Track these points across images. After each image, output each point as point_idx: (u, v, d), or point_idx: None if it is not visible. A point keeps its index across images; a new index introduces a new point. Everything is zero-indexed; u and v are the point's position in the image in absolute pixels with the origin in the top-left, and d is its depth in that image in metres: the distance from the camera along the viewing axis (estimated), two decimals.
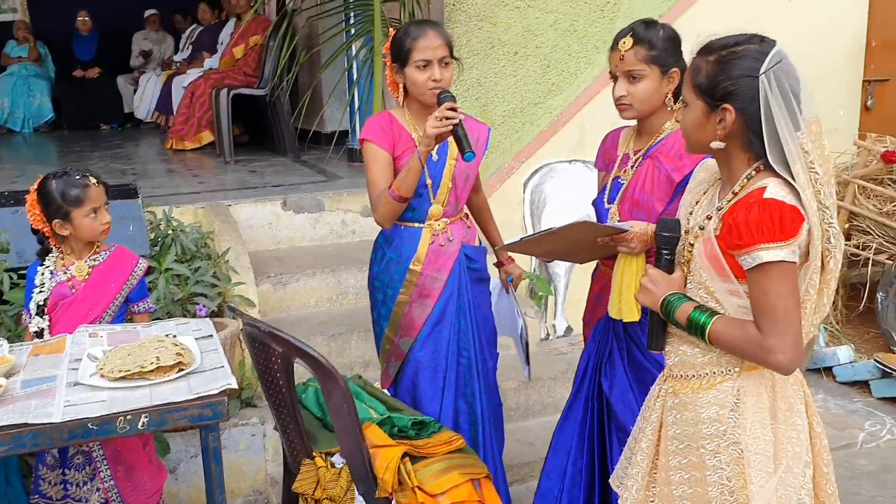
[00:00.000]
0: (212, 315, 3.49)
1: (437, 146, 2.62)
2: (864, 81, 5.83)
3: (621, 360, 2.50)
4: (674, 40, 2.38)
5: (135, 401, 2.04)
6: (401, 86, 2.75)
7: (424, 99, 2.67)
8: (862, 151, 4.94)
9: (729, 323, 1.71)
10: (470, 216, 2.97)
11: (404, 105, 2.80)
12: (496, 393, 3.00)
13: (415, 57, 2.63)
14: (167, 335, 2.40)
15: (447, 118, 2.47)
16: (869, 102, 5.89)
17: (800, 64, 1.72)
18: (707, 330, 1.72)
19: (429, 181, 2.72)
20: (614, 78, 2.42)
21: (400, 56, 2.67)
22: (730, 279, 1.71)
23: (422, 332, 2.82)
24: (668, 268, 1.85)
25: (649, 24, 2.38)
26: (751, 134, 1.68)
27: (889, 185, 4.80)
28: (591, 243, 2.29)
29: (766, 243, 1.61)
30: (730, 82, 1.67)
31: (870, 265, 4.76)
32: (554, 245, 2.39)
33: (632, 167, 2.46)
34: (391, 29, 2.78)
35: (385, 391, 2.90)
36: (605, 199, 2.51)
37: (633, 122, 2.53)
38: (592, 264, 2.68)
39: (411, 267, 2.79)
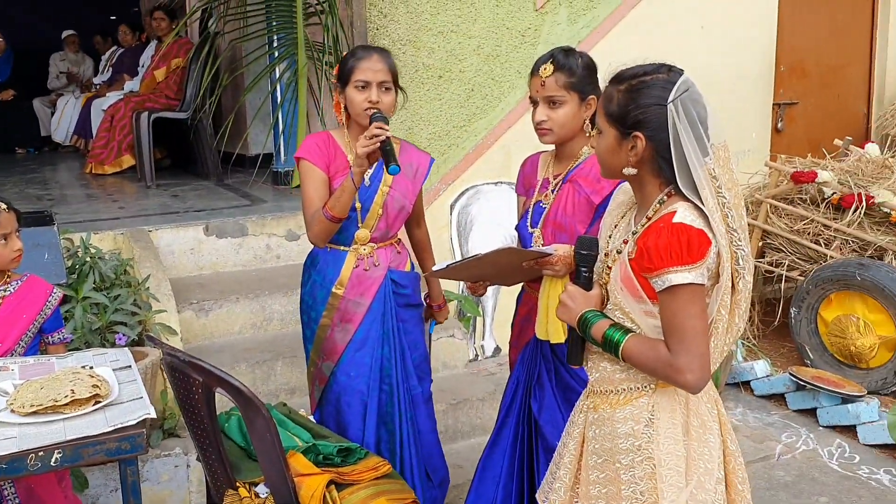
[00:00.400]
0: (132, 344, 3.41)
1: (371, 169, 2.66)
2: (774, 105, 6.08)
3: (549, 381, 2.53)
4: (591, 68, 2.45)
5: (47, 436, 1.97)
6: (343, 106, 2.75)
7: (361, 120, 2.67)
8: (773, 172, 5.13)
9: (641, 341, 1.76)
10: (402, 242, 2.94)
11: (345, 126, 2.80)
12: (427, 418, 2.95)
13: (355, 77, 2.64)
14: (83, 366, 2.33)
15: (375, 136, 2.49)
16: (779, 125, 6.15)
17: (713, 88, 1.79)
18: (621, 347, 1.76)
19: (358, 205, 2.71)
20: (534, 103, 2.47)
21: (342, 76, 2.69)
22: (644, 301, 1.76)
23: (343, 356, 2.80)
24: (587, 285, 1.89)
25: (568, 51, 2.45)
26: (661, 160, 1.74)
27: (799, 204, 5.00)
28: (516, 267, 2.33)
29: (675, 266, 1.66)
30: (639, 111, 1.73)
31: (783, 282, 4.95)
32: (480, 270, 2.42)
33: (552, 191, 2.51)
34: (344, 53, 2.80)
35: (311, 418, 2.87)
36: (529, 224, 2.55)
37: (551, 147, 2.59)
38: (518, 287, 2.72)
39: (333, 290, 2.78)
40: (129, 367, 2.41)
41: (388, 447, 2.83)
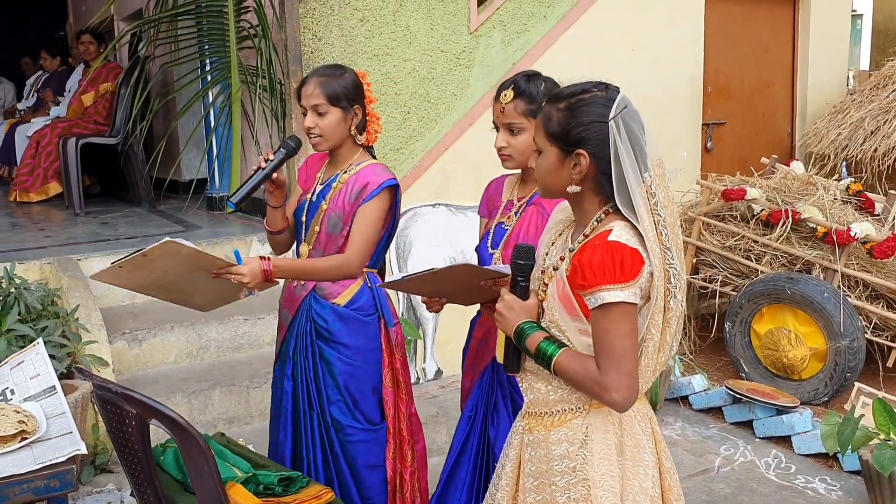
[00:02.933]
0: (62, 377, 3.28)
1: (321, 186, 2.72)
2: (703, 125, 6.25)
3: (505, 408, 2.51)
4: None
5: None
6: None
7: None
8: (704, 190, 5.26)
9: (573, 357, 1.75)
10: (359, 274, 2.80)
11: None
12: (340, 457, 2.77)
13: (300, 103, 2.70)
14: (5, 399, 2.24)
15: (258, 163, 2.59)
16: (709, 144, 6.31)
17: (645, 109, 1.81)
18: (553, 361, 1.75)
19: (303, 219, 2.74)
20: (497, 128, 2.45)
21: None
22: (580, 318, 1.75)
23: (275, 363, 2.91)
24: (524, 294, 1.87)
25: (531, 77, 2.42)
26: (603, 177, 1.74)
27: (730, 220, 5.12)
28: (474, 286, 2.29)
29: (608, 284, 1.66)
30: (581, 128, 1.73)
31: (717, 297, 5.05)
32: (436, 285, 2.37)
33: (516, 213, 2.49)
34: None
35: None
36: (489, 245, 2.52)
37: (517, 171, 2.56)
38: (471, 311, 2.67)
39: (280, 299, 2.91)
40: (54, 387, 2.31)
41: (300, 467, 2.81)
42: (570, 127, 1.74)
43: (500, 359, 2.23)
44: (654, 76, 5.75)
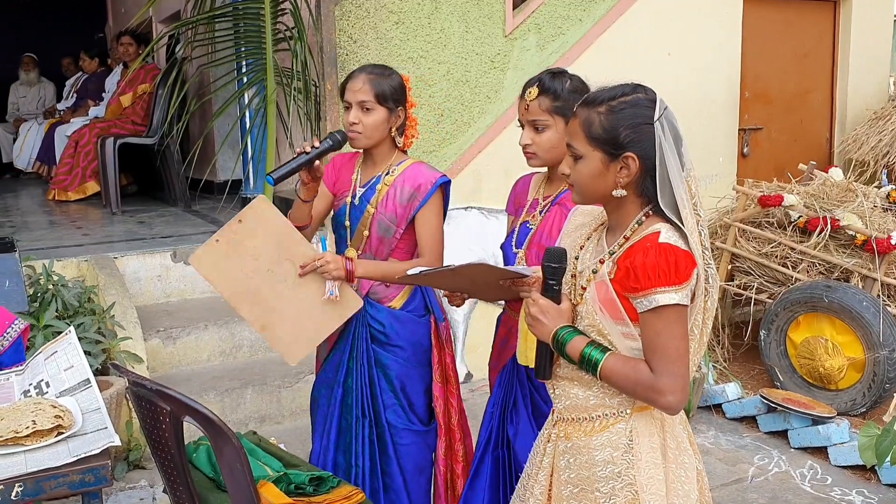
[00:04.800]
0: (96, 373, 3.32)
1: (362, 189, 2.69)
2: (740, 130, 6.17)
3: (525, 407, 2.49)
4: (580, 91, 2.33)
5: (8, 469, 1.90)
6: None
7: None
8: (741, 196, 5.19)
9: (622, 361, 1.73)
10: None
11: None
12: (393, 462, 2.78)
13: (344, 98, 2.68)
14: (42, 385, 2.26)
15: (303, 150, 2.52)
16: (745, 150, 6.24)
17: (680, 114, 1.79)
18: (599, 367, 1.73)
19: (347, 223, 2.72)
20: (522, 125, 2.44)
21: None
22: (625, 322, 1.73)
23: (319, 372, 2.86)
24: (556, 298, 1.84)
25: (557, 74, 2.39)
26: (649, 179, 1.72)
27: (766, 227, 5.05)
28: (494, 285, 2.28)
29: (663, 287, 1.65)
30: (630, 130, 1.70)
31: (752, 304, 4.98)
32: (456, 281, 2.37)
33: (540, 213, 2.47)
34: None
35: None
36: (514, 244, 2.50)
37: (544, 169, 2.54)
38: (497, 310, 2.67)
39: None
40: (88, 380, 2.34)
41: (345, 475, 2.79)
42: (618, 130, 1.71)
43: (522, 361, 2.17)
44: (690, 80, 5.70)
